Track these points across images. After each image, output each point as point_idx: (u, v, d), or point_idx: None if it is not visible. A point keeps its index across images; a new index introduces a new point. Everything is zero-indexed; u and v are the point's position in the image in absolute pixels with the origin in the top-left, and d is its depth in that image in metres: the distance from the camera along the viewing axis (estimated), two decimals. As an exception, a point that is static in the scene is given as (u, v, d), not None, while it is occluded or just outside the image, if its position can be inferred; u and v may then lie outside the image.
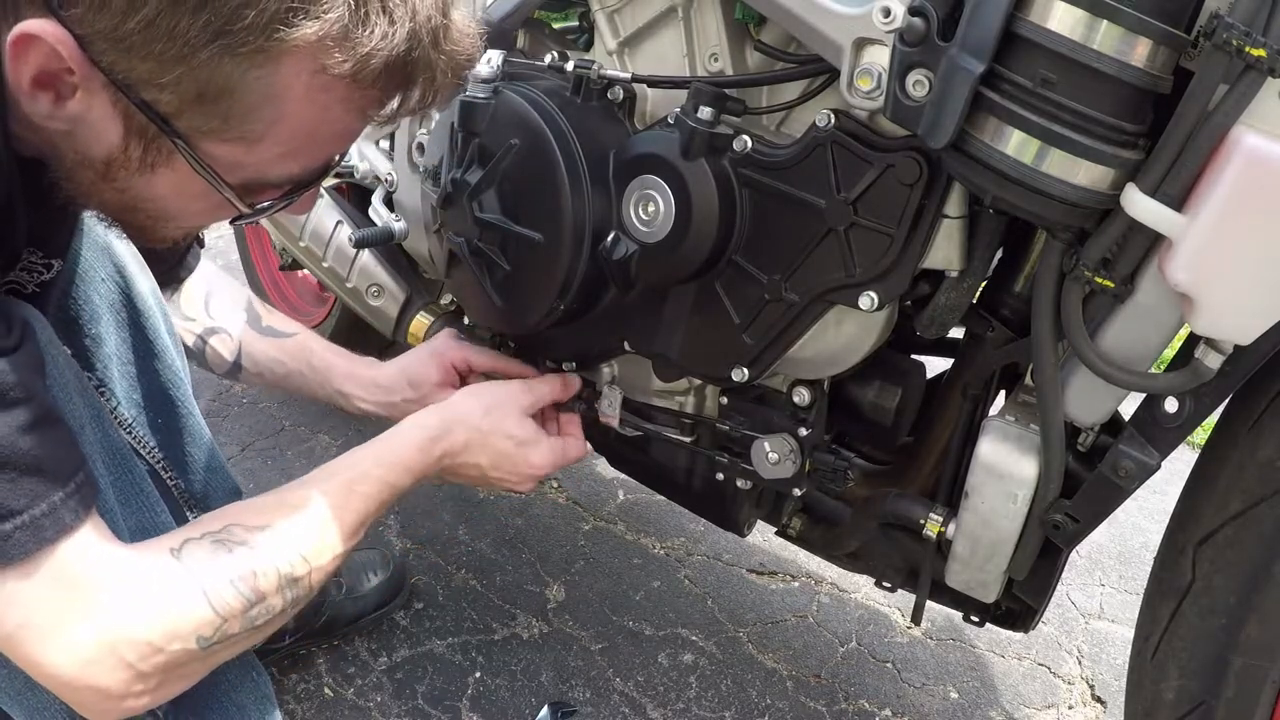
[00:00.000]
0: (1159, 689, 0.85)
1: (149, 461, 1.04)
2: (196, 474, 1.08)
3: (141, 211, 0.70)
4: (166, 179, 0.66)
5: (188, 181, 0.66)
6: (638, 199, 0.90)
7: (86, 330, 0.97)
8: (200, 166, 0.65)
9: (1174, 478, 0.88)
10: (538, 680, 1.31)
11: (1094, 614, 1.55)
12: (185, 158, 0.64)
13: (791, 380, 0.97)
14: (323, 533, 0.81)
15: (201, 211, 0.72)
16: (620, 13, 0.96)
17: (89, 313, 0.96)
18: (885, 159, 0.79)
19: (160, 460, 1.05)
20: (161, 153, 0.64)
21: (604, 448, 1.19)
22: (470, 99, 0.96)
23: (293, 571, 0.77)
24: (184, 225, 0.75)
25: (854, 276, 0.84)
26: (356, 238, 1.25)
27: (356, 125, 0.70)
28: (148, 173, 0.66)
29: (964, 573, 0.94)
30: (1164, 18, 0.64)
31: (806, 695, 1.33)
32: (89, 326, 0.97)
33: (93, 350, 0.97)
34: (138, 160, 0.65)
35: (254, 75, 0.61)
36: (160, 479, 1.06)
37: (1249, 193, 0.63)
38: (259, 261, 1.98)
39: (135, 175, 0.66)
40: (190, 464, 1.07)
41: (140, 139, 0.63)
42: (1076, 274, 0.73)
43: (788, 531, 1.12)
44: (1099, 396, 0.80)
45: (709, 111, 0.85)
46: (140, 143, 0.64)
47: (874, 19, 0.73)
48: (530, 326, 1.01)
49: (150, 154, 0.64)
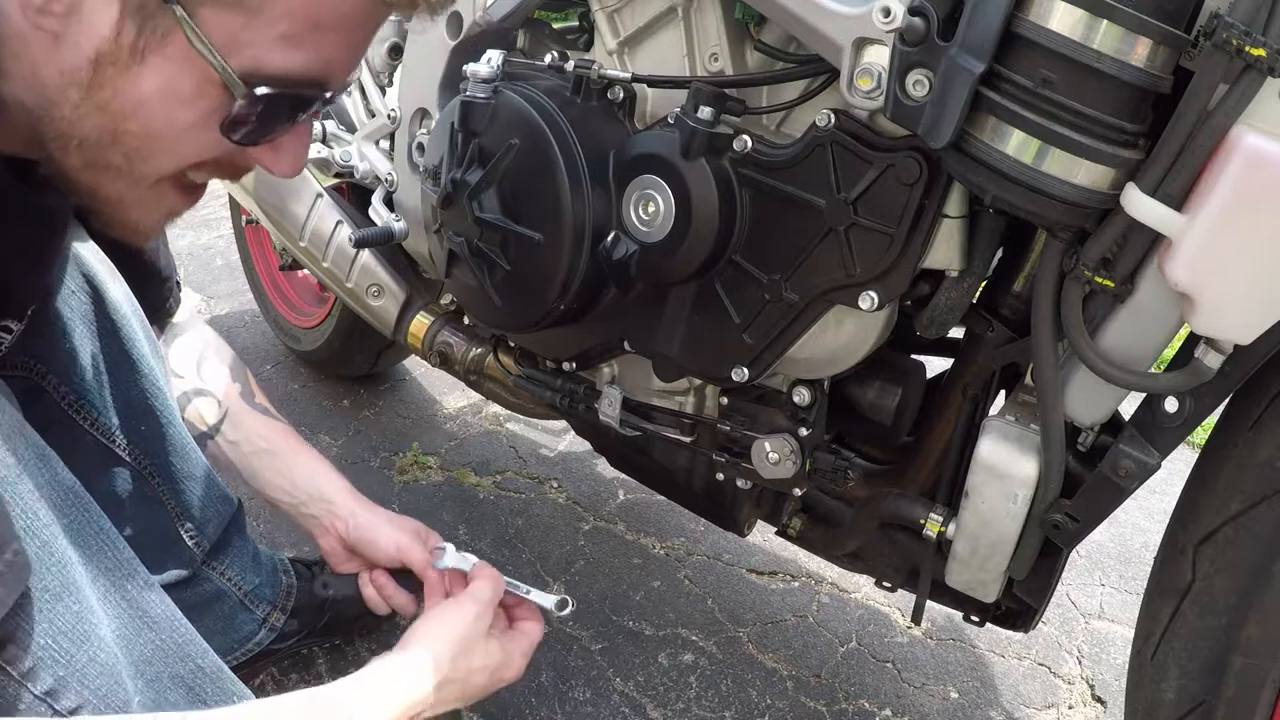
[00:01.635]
0: (1159, 689, 0.85)
1: (136, 469, 1.04)
2: (184, 483, 1.07)
3: (121, 145, 0.66)
4: (156, 73, 0.63)
5: (180, 74, 0.63)
6: (638, 199, 0.90)
7: (60, 344, 0.95)
8: (197, 38, 0.61)
9: (1174, 478, 0.88)
10: (538, 680, 1.30)
11: (1094, 614, 1.55)
12: (183, 28, 0.61)
13: (791, 380, 0.97)
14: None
15: (189, 129, 0.66)
16: (620, 13, 0.96)
17: (60, 326, 0.94)
18: (885, 159, 0.79)
19: (147, 467, 1.05)
20: (157, 33, 0.61)
21: (604, 448, 1.19)
22: (470, 99, 0.96)
23: None
24: (169, 159, 0.69)
25: (854, 276, 0.84)
26: (356, 238, 1.25)
27: (363, 16, 0.66)
28: (137, 65, 0.62)
29: (964, 573, 0.94)
30: (1164, 17, 0.64)
31: (806, 695, 1.33)
32: (62, 340, 0.95)
33: (68, 364, 0.96)
34: (129, 49, 0.61)
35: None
36: (150, 487, 1.06)
37: (1249, 192, 0.63)
38: (259, 261, 1.98)
39: (123, 73, 0.62)
40: (177, 473, 1.07)
41: (136, 16, 0.61)
42: (1076, 274, 0.73)
43: (788, 531, 1.12)
44: (1099, 396, 0.80)
45: (709, 111, 0.85)
46: (135, 22, 0.61)
47: (874, 19, 0.73)
48: (530, 326, 1.01)
49: (144, 35, 0.61)
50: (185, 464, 1.07)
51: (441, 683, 0.87)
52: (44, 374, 0.96)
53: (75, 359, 0.96)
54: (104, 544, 0.73)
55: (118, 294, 0.98)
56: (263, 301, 2.00)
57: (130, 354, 1.00)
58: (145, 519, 1.07)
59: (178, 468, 1.06)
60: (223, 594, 1.16)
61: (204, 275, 2.39)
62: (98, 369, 0.97)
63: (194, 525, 1.09)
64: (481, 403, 1.94)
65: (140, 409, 1.02)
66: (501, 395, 1.30)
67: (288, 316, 1.95)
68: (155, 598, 0.72)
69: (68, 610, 0.65)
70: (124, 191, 0.70)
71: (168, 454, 1.05)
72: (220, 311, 2.23)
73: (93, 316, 0.96)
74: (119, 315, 0.98)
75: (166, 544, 1.10)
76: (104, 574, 0.72)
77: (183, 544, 1.09)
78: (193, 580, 1.12)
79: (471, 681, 0.91)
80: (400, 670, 0.86)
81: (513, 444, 1.83)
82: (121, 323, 0.98)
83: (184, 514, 1.08)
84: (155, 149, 0.67)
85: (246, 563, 1.18)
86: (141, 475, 1.04)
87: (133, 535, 1.10)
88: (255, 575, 1.19)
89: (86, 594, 0.67)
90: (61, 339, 0.95)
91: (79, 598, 0.67)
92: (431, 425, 1.87)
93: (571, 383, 1.13)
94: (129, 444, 1.02)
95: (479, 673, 0.92)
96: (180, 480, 1.07)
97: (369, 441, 1.79)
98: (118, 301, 0.98)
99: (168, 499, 1.07)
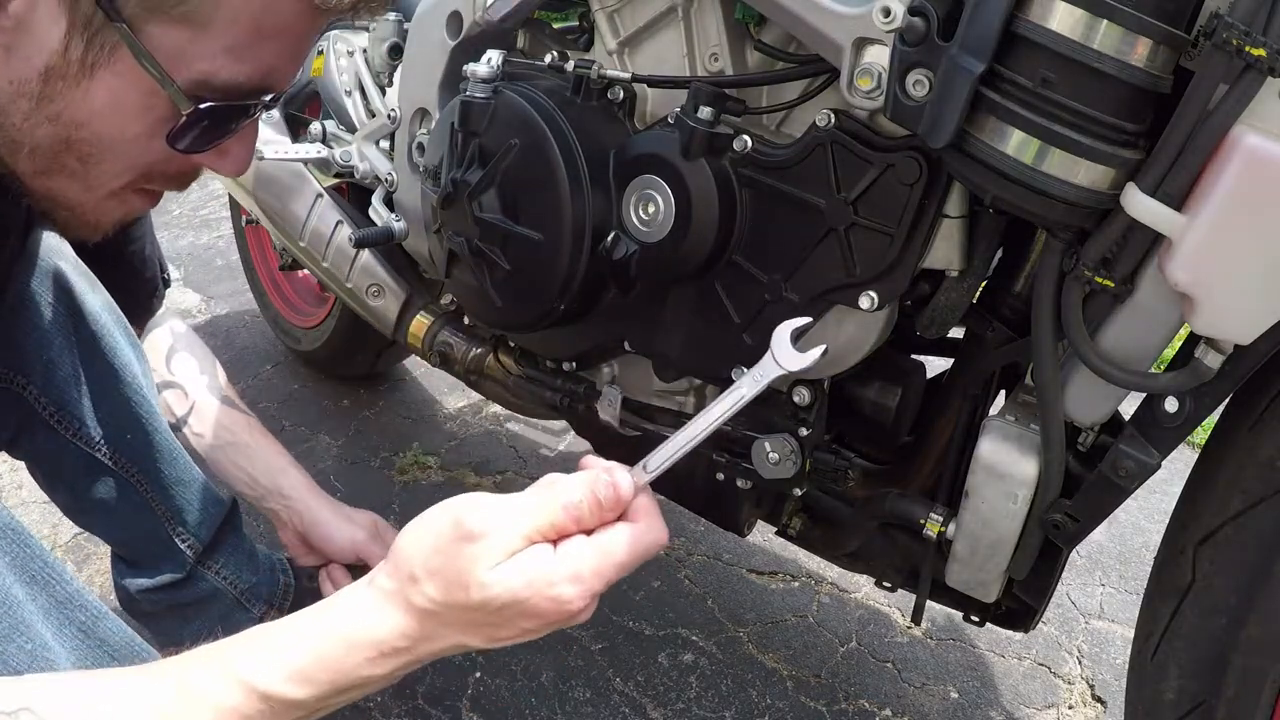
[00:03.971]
0: (1159, 689, 0.85)
1: (123, 476, 1.04)
2: (174, 488, 1.08)
3: (74, 151, 0.67)
4: (105, 86, 0.64)
5: (128, 88, 0.64)
6: (638, 199, 0.90)
7: (39, 355, 0.96)
8: (144, 57, 0.62)
9: (1174, 478, 0.88)
10: (538, 680, 1.31)
11: (1094, 614, 1.55)
12: (128, 44, 0.62)
13: (791, 380, 0.97)
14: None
15: (138, 138, 0.67)
16: (620, 12, 0.96)
17: (36, 339, 0.95)
18: (885, 159, 0.79)
19: (135, 475, 1.05)
20: (104, 49, 0.62)
21: (604, 448, 1.19)
22: (470, 99, 0.96)
23: None
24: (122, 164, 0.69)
25: (854, 276, 0.84)
26: (356, 237, 1.25)
27: (303, 24, 0.67)
28: (86, 79, 0.63)
29: (964, 573, 0.94)
30: (1164, 17, 0.64)
31: (806, 695, 1.33)
32: (41, 352, 0.96)
33: (48, 375, 0.97)
34: (77, 63, 0.62)
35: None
36: (138, 493, 1.06)
37: (1249, 192, 0.63)
38: (259, 261, 1.98)
39: (73, 87, 0.63)
40: (166, 479, 1.07)
41: (83, 33, 0.61)
42: (1076, 274, 0.73)
43: (788, 531, 1.12)
44: (1099, 396, 0.80)
45: (709, 111, 0.85)
46: (82, 38, 0.62)
47: (874, 19, 0.73)
48: (530, 326, 1.01)
49: (92, 50, 0.62)
50: (174, 469, 1.07)
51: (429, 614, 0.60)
52: (24, 385, 0.97)
53: (54, 370, 0.97)
54: (50, 578, 0.68)
55: (97, 303, 0.98)
56: (263, 301, 2.00)
57: (113, 363, 1.00)
58: (135, 525, 1.08)
59: (166, 473, 1.07)
60: (218, 593, 1.16)
61: (204, 275, 2.39)
62: (79, 379, 0.98)
63: (186, 529, 1.10)
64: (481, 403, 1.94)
65: (125, 417, 1.03)
66: (501, 395, 1.30)
67: (288, 316, 1.95)
68: (111, 625, 0.70)
69: (20, 650, 0.63)
70: (81, 198, 0.71)
71: (155, 460, 1.06)
72: (220, 311, 2.24)
73: (71, 327, 0.97)
74: (99, 325, 0.99)
75: (159, 548, 1.10)
76: (55, 608, 0.68)
77: (175, 547, 1.10)
78: (187, 581, 1.13)
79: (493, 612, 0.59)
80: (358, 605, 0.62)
81: (513, 444, 1.83)
82: (102, 333, 0.99)
83: (175, 518, 1.09)
84: (107, 156, 0.68)
85: (242, 562, 1.18)
86: (129, 482, 1.05)
87: (124, 540, 1.11)
88: (251, 574, 1.19)
89: (38, 631, 0.65)
90: (40, 350, 0.96)
91: (30, 636, 0.64)
92: (431, 425, 1.87)
93: (571, 383, 1.13)
94: (115, 452, 1.03)
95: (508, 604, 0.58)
96: (170, 486, 1.07)
97: (369, 441, 1.79)
98: (97, 311, 0.98)
99: (157, 505, 1.07)
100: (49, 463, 1.04)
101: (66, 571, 0.69)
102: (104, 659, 0.69)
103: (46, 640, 0.65)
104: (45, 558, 0.68)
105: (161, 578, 1.11)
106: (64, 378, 0.97)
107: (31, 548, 0.67)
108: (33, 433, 1.00)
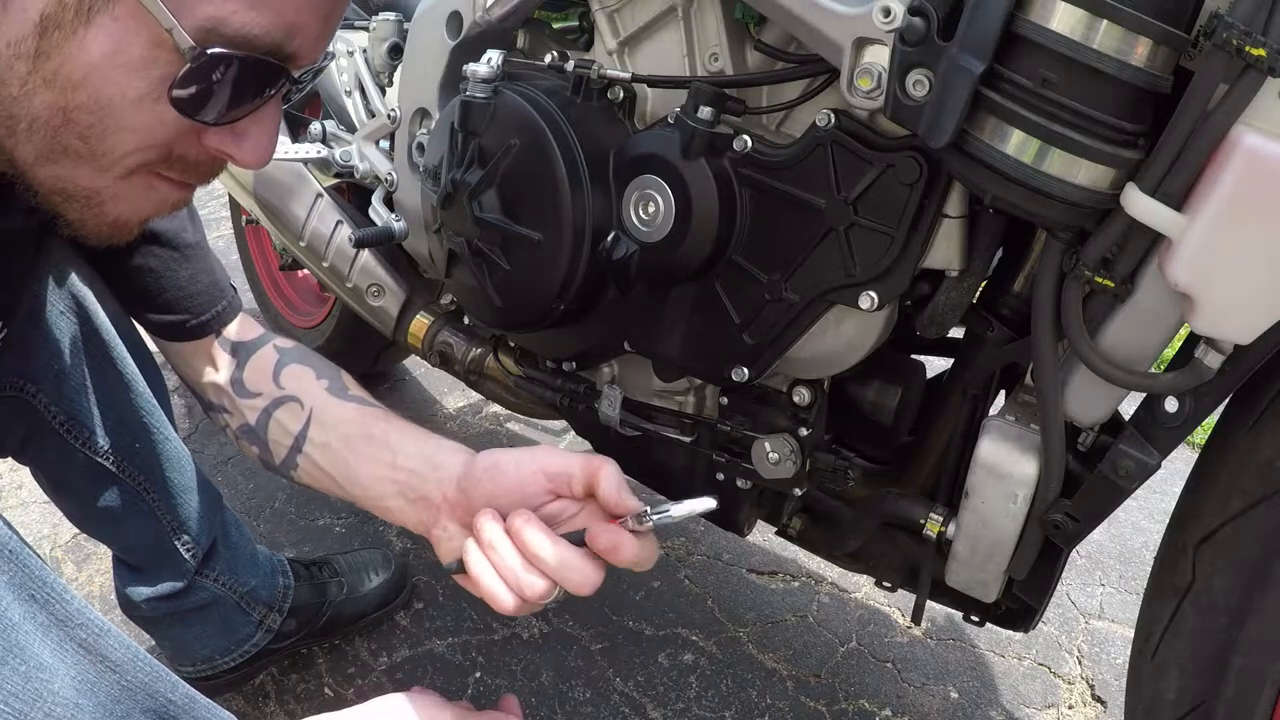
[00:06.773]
0: (1159, 689, 0.85)
1: (130, 485, 1.05)
2: (179, 496, 1.08)
3: (73, 126, 0.61)
4: (104, 33, 0.58)
5: (128, 37, 0.58)
6: (637, 199, 0.90)
7: (50, 365, 0.96)
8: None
9: (1174, 478, 0.88)
10: (538, 680, 1.31)
11: (1094, 614, 1.55)
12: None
13: (791, 380, 0.97)
14: None
15: (141, 101, 0.61)
16: (620, 12, 0.96)
17: (49, 349, 0.95)
18: (885, 159, 0.79)
19: (141, 483, 1.06)
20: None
21: (604, 448, 1.19)
22: (470, 99, 0.96)
23: None
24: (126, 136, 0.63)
25: (854, 276, 0.84)
26: (356, 237, 1.25)
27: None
28: (83, 27, 0.58)
29: (964, 573, 0.94)
30: (1164, 17, 0.64)
31: (806, 695, 1.33)
32: (53, 362, 0.96)
33: (59, 385, 0.97)
34: (74, 8, 0.57)
35: None
36: (144, 502, 1.06)
37: (1249, 192, 0.63)
38: (259, 261, 1.98)
39: (69, 37, 0.58)
40: (172, 487, 1.08)
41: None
42: (1076, 274, 0.73)
43: (788, 531, 1.12)
44: (1099, 396, 0.80)
45: (709, 111, 0.85)
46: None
47: (874, 18, 0.73)
48: (530, 326, 1.01)
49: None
50: (180, 477, 1.08)
51: None
52: (34, 394, 0.97)
53: (65, 380, 0.97)
54: (49, 597, 0.68)
55: (107, 315, 0.98)
56: (263, 301, 2.00)
57: (123, 374, 1.01)
58: (141, 532, 1.09)
59: (173, 481, 1.07)
60: (219, 598, 1.16)
61: (204, 275, 2.39)
62: (88, 389, 0.98)
63: (189, 536, 1.11)
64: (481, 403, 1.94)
65: (134, 426, 1.03)
66: (501, 395, 1.30)
67: (288, 316, 1.95)
68: (112, 641, 0.70)
69: (14, 673, 0.62)
70: (94, 181, 0.65)
71: (163, 469, 1.06)
72: (220, 311, 2.23)
73: (81, 338, 0.97)
74: (109, 335, 0.99)
75: (162, 556, 1.11)
76: (55, 626, 0.67)
77: (178, 555, 1.11)
78: (189, 588, 1.13)
79: None
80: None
81: (513, 444, 1.83)
82: (111, 343, 0.99)
83: (179, 526, 1.10)
84: (109, 124, 0.62)
85: (243, 565, 1.18)
86: (136, 491, 1.06)
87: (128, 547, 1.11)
88: (252, 577, 1.19)
89: (34, 652, 0.64)
90: (51, 361, 0.96)
91: (24, 658, 0.63)
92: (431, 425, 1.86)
93: (571, 383, 1.13)
94: (123, 461, 1.03)
95: None
96: (175, 494, 1.08)
97: (369, 441, 1.79)
98: (107, 323, 0.98)
99: (163, 513, 1.08)
100: (57, 470, 1.04)
101: (68, 590, 0.68)
102: (106, 674, 0.69)
103: (43, 661, 0.65)
104: (45, 577, 0.67)
105: (163, 585, 1.12)
106: (75, 387, 0.98)
107: (30, 568, 0.66)
108: (42, 441, 1.00)
